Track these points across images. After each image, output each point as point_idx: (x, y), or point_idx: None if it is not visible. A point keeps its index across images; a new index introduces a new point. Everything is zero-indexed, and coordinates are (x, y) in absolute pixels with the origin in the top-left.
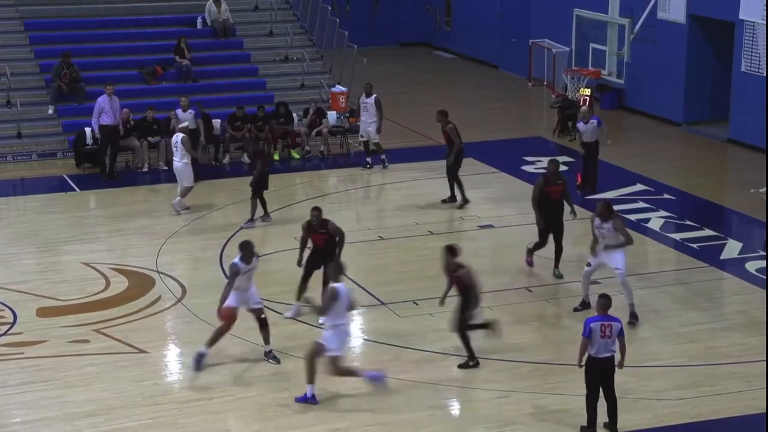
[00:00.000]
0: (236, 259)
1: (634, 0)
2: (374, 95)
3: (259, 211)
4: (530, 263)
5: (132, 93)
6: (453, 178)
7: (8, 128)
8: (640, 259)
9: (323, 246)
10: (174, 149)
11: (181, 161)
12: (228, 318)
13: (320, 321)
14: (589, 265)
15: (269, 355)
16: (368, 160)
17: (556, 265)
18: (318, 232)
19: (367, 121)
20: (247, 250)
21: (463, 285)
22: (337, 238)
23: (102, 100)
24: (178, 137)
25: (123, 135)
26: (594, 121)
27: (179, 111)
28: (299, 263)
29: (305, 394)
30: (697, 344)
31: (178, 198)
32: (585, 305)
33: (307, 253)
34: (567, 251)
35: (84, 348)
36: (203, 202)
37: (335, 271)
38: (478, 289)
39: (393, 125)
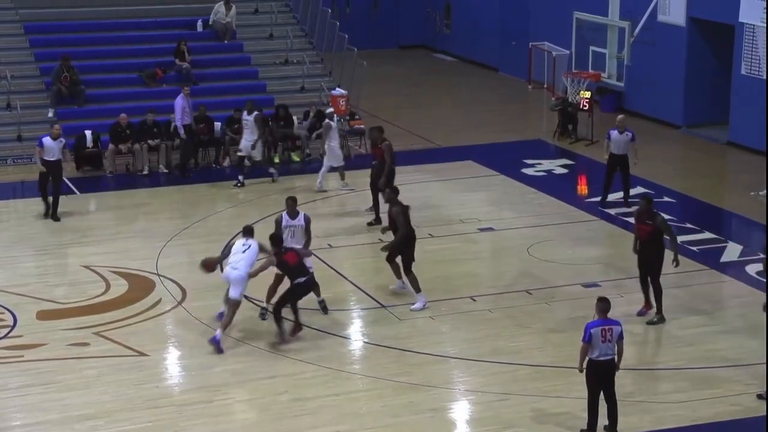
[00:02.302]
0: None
1: (634, 3)
2: (255, 112)
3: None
4: (642, 312)
5: (132, 96)
6: (377, 193)
7: (8, 131)
8: None
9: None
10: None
11: (329, 143)
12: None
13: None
14: None
15: (322, 305)
16: (240, 178)
17: (658, 311)
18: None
19: (248, 139)
20: (289, 205)
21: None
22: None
23: (181, 100)
24: (326, 122)
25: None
26: (629, 134)
27: (46, 139)
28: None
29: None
30: (698, 347)
31: (342, 181)
32: None
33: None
34: (565, 253)
35: (84, 351)
36: (203, 204)
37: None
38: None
39: (393, 128)
